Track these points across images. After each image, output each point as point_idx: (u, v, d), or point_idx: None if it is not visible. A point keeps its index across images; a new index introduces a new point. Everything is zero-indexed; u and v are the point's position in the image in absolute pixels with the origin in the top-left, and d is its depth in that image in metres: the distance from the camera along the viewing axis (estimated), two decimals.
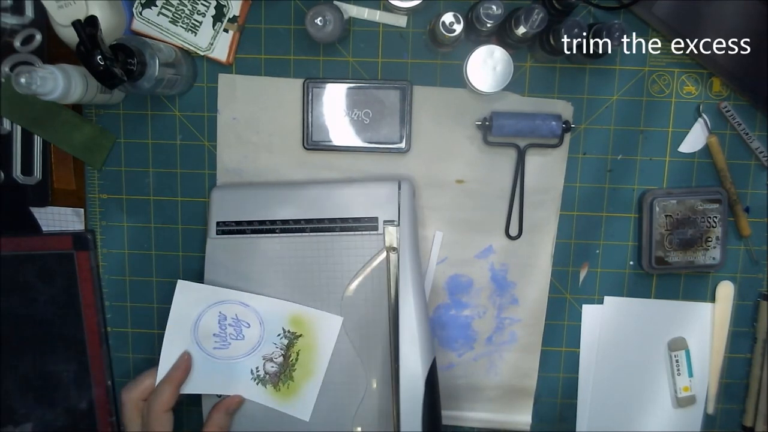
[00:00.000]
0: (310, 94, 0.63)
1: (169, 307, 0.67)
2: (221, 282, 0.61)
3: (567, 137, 0.63)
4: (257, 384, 0.60)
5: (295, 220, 0.61)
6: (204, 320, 0.60)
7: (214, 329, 0.60)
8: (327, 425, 0.61)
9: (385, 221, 0.60)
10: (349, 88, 0.63)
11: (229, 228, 0.62)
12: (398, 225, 0.60)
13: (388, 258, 0.60)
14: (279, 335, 0.60)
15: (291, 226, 0.61)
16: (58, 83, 0.53)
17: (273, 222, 0.61)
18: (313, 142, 0.63)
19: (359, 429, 0.61)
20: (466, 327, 0.66)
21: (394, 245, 0.60)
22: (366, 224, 0.61)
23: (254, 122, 0.64)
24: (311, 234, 0.61)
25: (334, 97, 0.63)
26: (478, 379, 0.66)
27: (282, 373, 0.61)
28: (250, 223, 0.62)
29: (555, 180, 0.64)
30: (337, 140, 0.63)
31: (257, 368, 0.60)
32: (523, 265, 0.65)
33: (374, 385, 0.61)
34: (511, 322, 0.66)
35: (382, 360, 0.61)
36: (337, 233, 0.61)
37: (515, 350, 0.66)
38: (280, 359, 0.60)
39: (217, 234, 0.62)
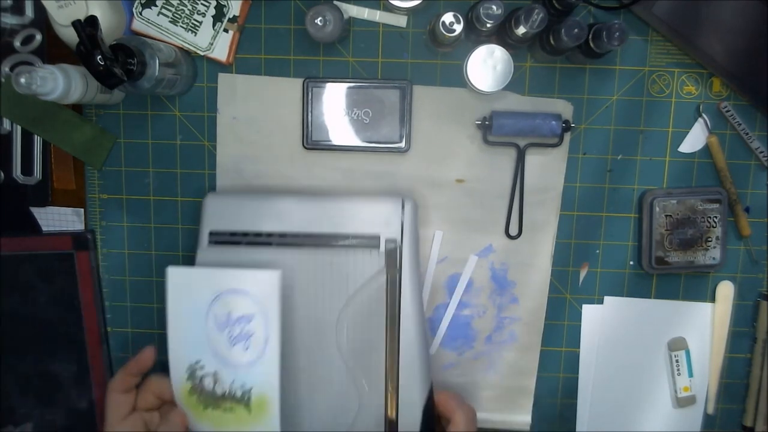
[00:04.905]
0: (310, 93, 0.63)
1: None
2: None
3: (567, 137, 0.63)
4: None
5: (293, 233, 0.58)
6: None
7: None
8: None
9: (387, 240, 0.58)
10: (349, 88, 0.63)
11: (223, 239, 0.59)
12: (401, 245, 0.57)
13: (388, 278, 0.57)
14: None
15: (288, 240, 0.58)
16: (58, 83, 0.53)
17: (270, 235, 0.58)
18: (312, 141, 0.63)
19: None
20: (465, 326, 0.66)
21: (396, 265, 0.57)
22: (367, 241, 0.58)
23: (254, 122, 0.64)
24: (309, 248, 0.58)
25: (334, 97, 0.63)
26: (477, 378, 0.66)
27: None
28: (245, 234, 0.59)
29: (555, 180, 0.64)
30: (336, 140, 0.63)
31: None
32: (523, 264, 0.65)
33: (366, 407, 0.57)
34: (510, 321, 0.66)
35: (376, 381, 0.57)
36: (337, 249, 0.58)
37: (515, 349, 0.66)
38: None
39: (209, 244, 0.59)
